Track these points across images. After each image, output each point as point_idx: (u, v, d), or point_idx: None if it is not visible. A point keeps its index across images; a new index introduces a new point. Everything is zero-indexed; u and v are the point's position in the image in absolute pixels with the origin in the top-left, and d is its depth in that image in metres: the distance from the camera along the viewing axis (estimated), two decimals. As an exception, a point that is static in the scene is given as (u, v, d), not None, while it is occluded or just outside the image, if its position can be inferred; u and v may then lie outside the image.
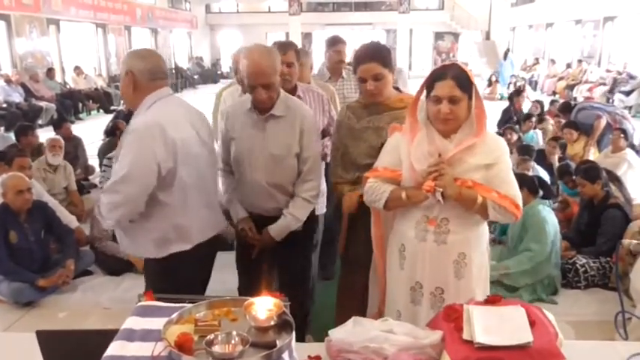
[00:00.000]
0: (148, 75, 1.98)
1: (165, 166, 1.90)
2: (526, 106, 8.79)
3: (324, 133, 2.90)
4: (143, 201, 1.91)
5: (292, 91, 2.71)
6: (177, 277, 2.01)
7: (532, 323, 1.48)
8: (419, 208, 1.89)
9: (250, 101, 2.24)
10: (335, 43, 3.91)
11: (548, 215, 3.59)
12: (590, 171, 3.84)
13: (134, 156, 1.87)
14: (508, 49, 19.02)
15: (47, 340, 1.41)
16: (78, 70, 14.06)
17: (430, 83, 1.85)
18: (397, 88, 2.37)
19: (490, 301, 1.62)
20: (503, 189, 1.82)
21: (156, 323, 1.26)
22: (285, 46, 2.72)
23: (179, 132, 1.95)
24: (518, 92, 9.09)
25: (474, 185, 1.81)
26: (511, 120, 7.86)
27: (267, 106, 2.21)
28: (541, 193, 3.73)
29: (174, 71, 20.55)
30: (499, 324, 1.48)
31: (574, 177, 4.63)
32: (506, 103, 9.43)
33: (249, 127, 2.26)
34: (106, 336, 1.24)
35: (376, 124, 2.27)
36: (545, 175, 5.03)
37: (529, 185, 3.59)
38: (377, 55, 2.19)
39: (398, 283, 2.01)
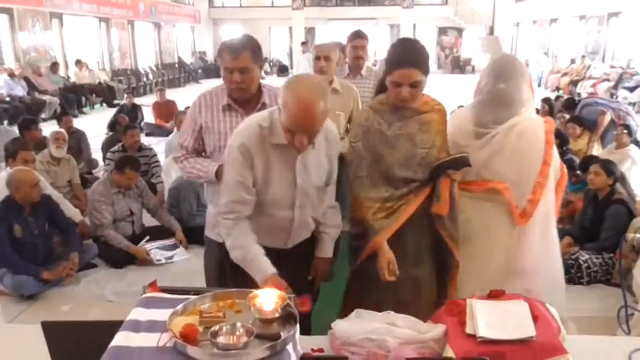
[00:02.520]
0: None
1: None
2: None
3: None
4: None
5: (256, 96, 2.27)
6: None
7: (535, 318, 1.49)
8: None
9: (278, 134, 1.82)
10: (353, 38, 3.78)
11: None
12: (610, 164, 3.85)
13: None
14: None
15: (53, 330, 1.42)
16: (79, 63, 14.07)
17: None
18: None
19: (493, 295, 1.62)
20: None
21: (161, 314, 1.27)
22: (237, 49, 2.15)
23: None
24: None
25: None
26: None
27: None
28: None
29: (177, 65, 20.57)
30: (502, 318, 1.48)
31: (578, 172, 4.63)
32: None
33: (282, 162, 1.87)
34: (112, 327, 1.25)
35: (408, 130, 2.08)
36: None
37: None
38: (418, 61, 1.98)
39: None
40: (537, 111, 7.25)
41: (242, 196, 1.84)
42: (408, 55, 1.98)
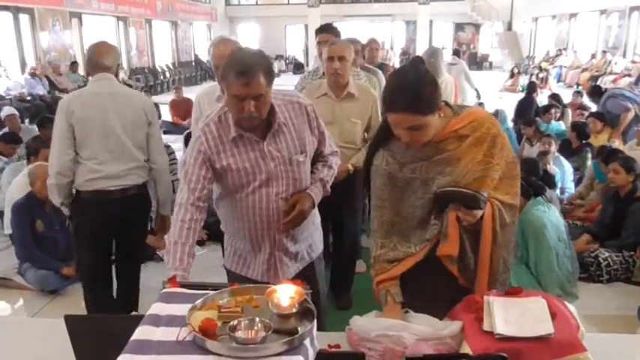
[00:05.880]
0: None
1: None
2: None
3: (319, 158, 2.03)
4: None
5: (268, 115, 1.80)
6: None
7: (553, 315, 1.47)
8: None
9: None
10: (321, 31, 3.49)
11: (547, 216, 3.40)
12: (629, 160, 3.80)
13: None
14: None
15: (75, 324, 1.45)
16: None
17: None
18: (448, 104, 1.70)
19: (511, 292, 1.61)
20: None
21: (180, 309, 1.28)
22: (248, 73, 1.65)
23: None
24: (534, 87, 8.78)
25: None
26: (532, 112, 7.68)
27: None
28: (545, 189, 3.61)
29: (194, 64, 20.73)
30: (520, 315, 1.47)
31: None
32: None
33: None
34: (132, 321, 1.27)
35: (423, 174, 1.66)
36: (568, 167, 4.97)
37: (521, 191, 3.47)
38: (414, 104, 1.52)
39: None
40: (549, 107, 7.19)
41: None
42: (399, 96, 1.54)
